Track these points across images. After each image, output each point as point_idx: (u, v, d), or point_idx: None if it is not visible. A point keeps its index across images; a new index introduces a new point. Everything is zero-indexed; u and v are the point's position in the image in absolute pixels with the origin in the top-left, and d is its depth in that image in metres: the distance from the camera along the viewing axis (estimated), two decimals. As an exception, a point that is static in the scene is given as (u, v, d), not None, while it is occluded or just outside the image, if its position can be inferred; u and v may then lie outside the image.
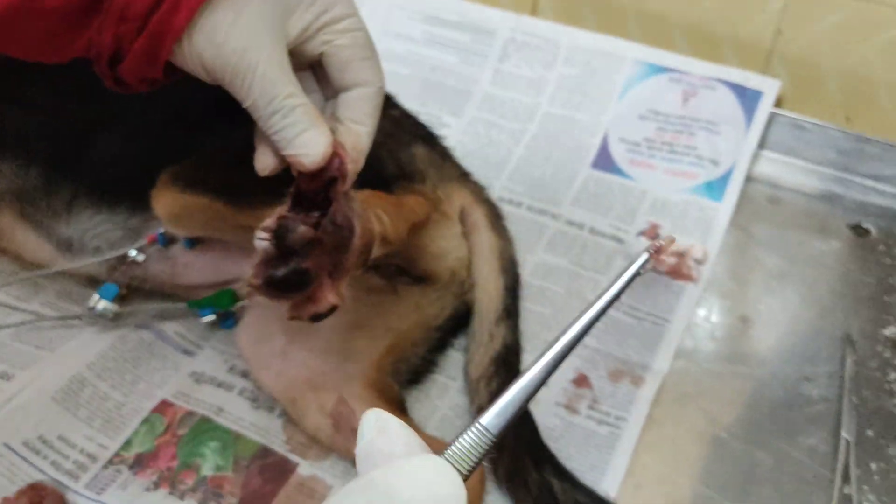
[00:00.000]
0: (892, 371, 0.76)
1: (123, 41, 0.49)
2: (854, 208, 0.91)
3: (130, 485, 0.68)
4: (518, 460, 0.67)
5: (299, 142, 0.50)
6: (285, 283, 0.52)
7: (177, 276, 0.79)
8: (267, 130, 0.51)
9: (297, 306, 0.56)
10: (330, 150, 0.51)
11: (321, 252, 0.53)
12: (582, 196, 0.91)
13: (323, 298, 0.54)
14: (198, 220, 0.69)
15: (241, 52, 0.48)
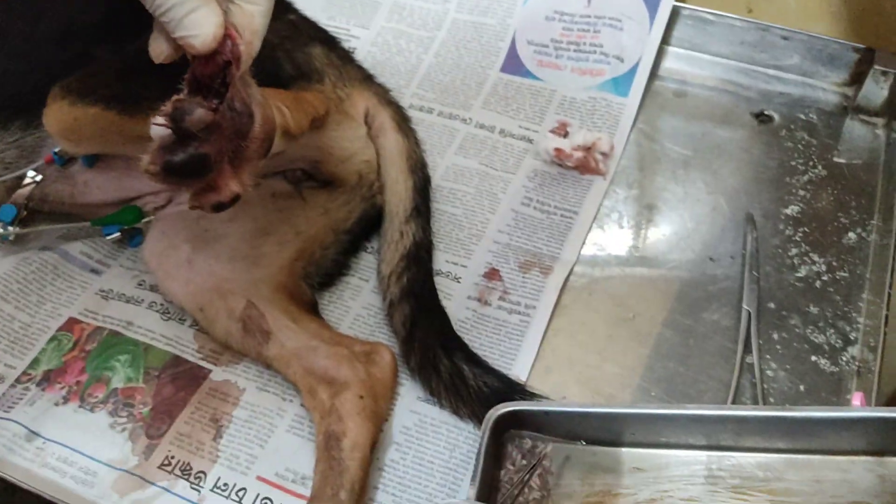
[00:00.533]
0: (794, 247, 0.78)
1: None
2: (758, 97, 0.92)
3: (38, 400, 0.67)
4: (429, 350, 0.68)
5: (188, 22, 0.48)
6: (184, 168, 0.51)
7: (77, 195, 0.77)
8: (155, 12, 0.49)
9: (198, 195, 0.54)
10: (221, 31, 0.49)
11: (220, 137, 0.51)
12: (492, 99, 0.91)
13: (225, 186, 0.53)
14: (90, 132, 0.67)
15: None
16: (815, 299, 0.74)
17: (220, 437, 0.65)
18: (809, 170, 0.85)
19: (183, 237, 0.73)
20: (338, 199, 0.76)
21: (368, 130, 0.79)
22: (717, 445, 0.61)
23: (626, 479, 0.61)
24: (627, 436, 0.62)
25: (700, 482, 0.61)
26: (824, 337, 0.72)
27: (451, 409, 0.67)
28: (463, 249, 0.78)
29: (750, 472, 0.60)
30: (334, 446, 0.61)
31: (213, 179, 0.53)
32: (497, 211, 0.81)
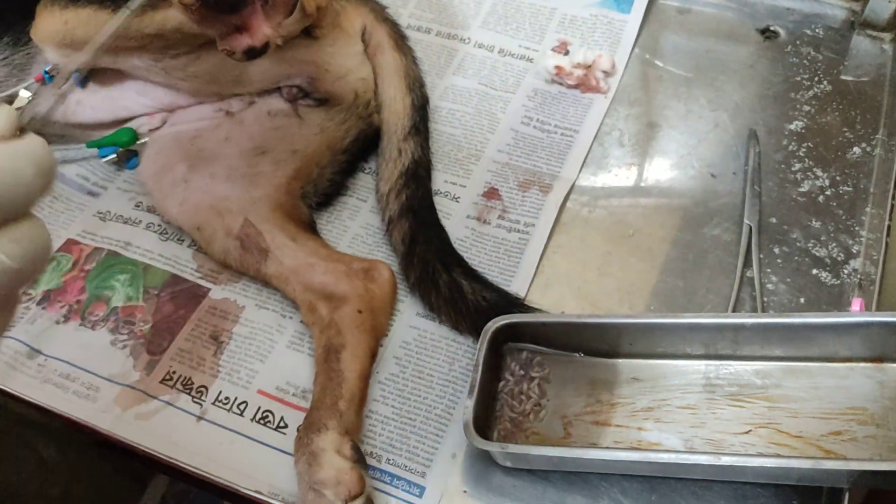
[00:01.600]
0: (797, 162, 0.77)
1: None
2: (763, 13, 0.90)
3: (39, 319, 0.68)
4: (428, 265, 0.68)
5: None
6: (219, 2, 0.50)
7: (71, 115, 0.76)
8: None
9: (231, 37, 0.54)
10: None
11: None
12: (490, 19, 0.89)
13: (258, 28, 0.53)
14: (83, 37, 0.66)
15: None
16: (818, 213, 0.73)
17: (220, 353, 0.66)
18: (815, 85, 0.83)
19: (178, 157, 0.72)
20: (334, 118, 0.75)
21: (365, 48, 0.77)
22: (715, 354, 0.61)
23: (623, 389, 0.62)
24: (625, 346, 0.62)
25: (697, 390, 0.61)
26: (826, 251, 0.71)
27: (451, 324, 0.67)
28: (462, 169, 0.77)
29: (748, 379, 0.60)
30: (333, 359, 0.61)
31: (247, 19, 0.53)
32: (496, 130, 0.80)
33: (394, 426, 0.62)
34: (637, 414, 0.60)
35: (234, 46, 0.55)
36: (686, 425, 0.59)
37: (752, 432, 0.58)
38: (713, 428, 0.59)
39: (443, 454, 0.61)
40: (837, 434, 0.56)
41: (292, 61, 0.72)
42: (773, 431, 0.57)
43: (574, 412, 0.61)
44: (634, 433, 0.60)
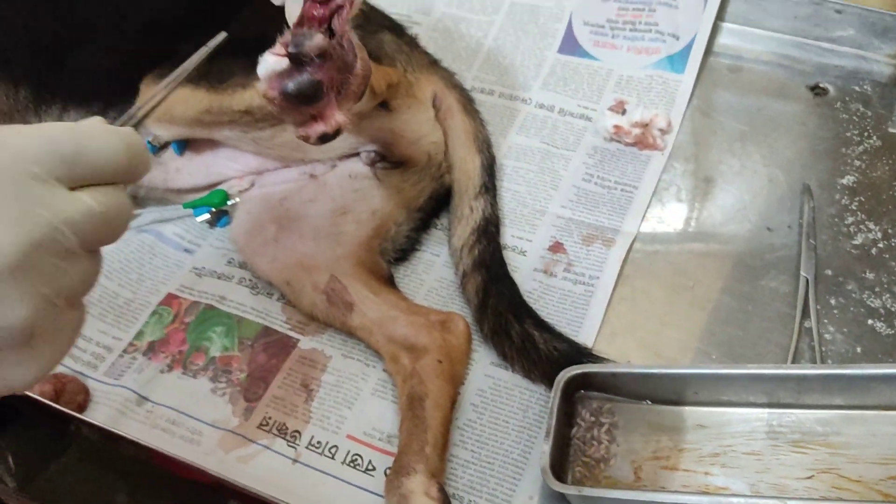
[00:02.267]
0: (850, 215, 0.81)
1: None
2: (812, 70, 0.94)
3: (146, 369, 0.74)
4: (501, 316, 0.72)
5: None
6: (300, 93, 0.56)
7: (170, 181, 0.83)
8: None
9: (306, 125, 0.60)
10: None
11: (331, 67, 0.57)
12: (550, 80, 0.95)
13: (331, 116, 0.58)
14: (182, 112, 0.73)
15: None
16: (872, 265, 0.77)
17: (311, 400, 0.71)
18: (864, 140, 0.87)
19: (268, 217, 0.79)
20: (410, 179, 0.81)
21: (436, 113, 0.83)
22: (778, 403, 0.65)
23: (689, 436, 0.66)
24: (690, 395, 0.66)
25: (761, 437, 0.64)
26: (880, 301, 0.74)
27: (523, 373, 0.71)
28: (528, 224, 0.83)
29: (809, 427, 0.64)
30: (418, 406, 0.66)
31: (322, 108, 0.58)
32: (559, 187, 0.85)
33: (473, 469, 0.67)
34: (703, 459, 0.64)
35: (310, 133, 0.60)
36: (751, 471, 0.63)
37: (814, 477, 0.61)
38: (777, 473, 0.62)
39: (520, 496, 0.65)
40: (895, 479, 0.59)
41: (370, 130, 0.78)
42: (835, 476, 0.61)
43: (643, 457, 0.65)
44: (702, 478, 0.63)
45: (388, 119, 0.78)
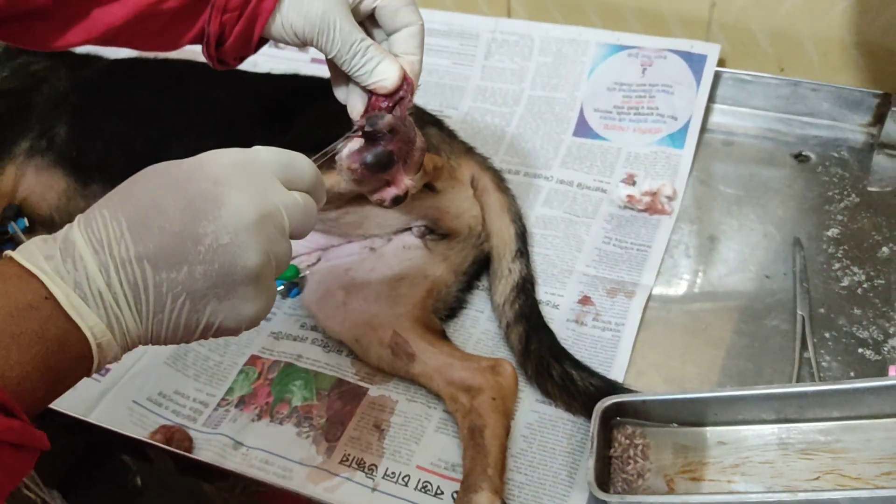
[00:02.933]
0: (836, 262, 0.93)
1: (227, 27, 0.68)
2: (795, 141, 1.09)
3: (239, 418, 0.86)
4: (542, 359, 0.84)
5: (378, 70, 0.67)
6: (377, 162, 0.68)
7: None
8: (351, 70, 0.67)
9: (381, 191, 0.72)
10: (402, 73, 0.68)
11: (398, 140, 0.69)
12: (568, 159, 1.09)
13: (401, 181, 0.71)
14: None
15: (322, 14, 0.65)
16: (858, 303, 0.89)
17: (383, 438, 0.82)
18: (845, 198, 1.00)
19: (336, 285, 0.92)
20: (455, 248, 0.94)
21: (474, 191, 0.97)
22: (785, 419, 0.76)
23: (712, 451, 0.77)
24: (710, 416, 0.78)
25: (773, 449, 0.75)
26: (868, 333, 0.86)
27: (565, 407, 0.83)
28: (558, 283, 0.95)
29: (813, 437, 0.75)
30: (478, 436, 0.78)
31: (394, 175, 0.71)
32: (583, 249, 0.98)
33: (528, 490, 0.78)
34: (726, 470, 0.75)
35: (385, 196, 0.73)
36: (767, 476, 0.74)
37: (820, 478, 0.72)
38: (789, 477, 0.73)
39: (570, 511, 0.76)
40: (889, 474, 0.70)
41: (420, 208, 0.92)
42: (838, 476, 0.72)
43: (674, 472, 0.76)
44: (725, 485, 0.74)
45: (435, 199, 0.92)
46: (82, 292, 0.48)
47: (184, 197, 0.50)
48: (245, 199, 0.50)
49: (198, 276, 0.50)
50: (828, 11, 1.04)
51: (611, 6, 1.16)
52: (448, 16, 1.23)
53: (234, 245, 0.50)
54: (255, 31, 0.68)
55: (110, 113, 1.01)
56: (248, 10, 0.66)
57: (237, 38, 0.68)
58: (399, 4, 0.68)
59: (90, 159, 0.99)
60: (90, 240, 0.49)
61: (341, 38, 0.66)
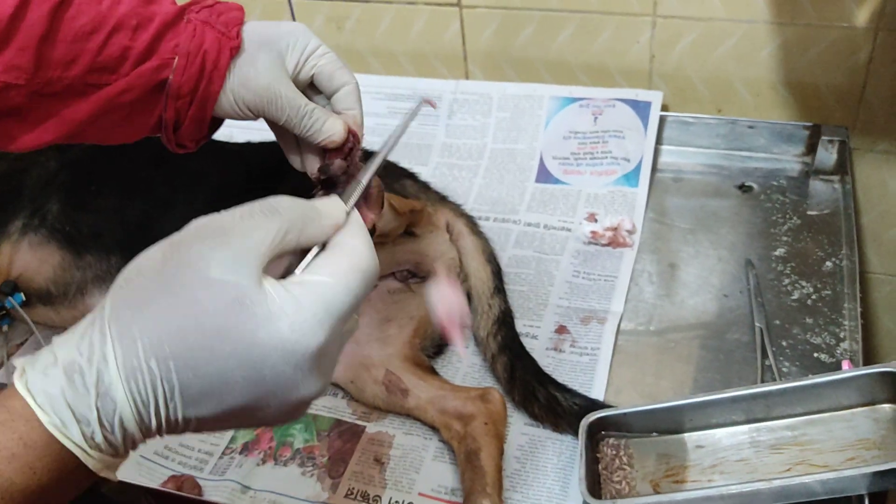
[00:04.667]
0: (786, 278, 1.02)
1: (181, 112, 0.73)
2: (738, 174, 1.19)
3: (245, 464, 0.90)
4: (528, 385, 0.90)
5: (325, 128, 0.72)
6: None
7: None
8: (302, 132, 0.73)
9: None
10: (346, 126, 0.73)
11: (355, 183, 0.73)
12: (533, 204, 1.18)
13: (366, 217, 0.76)
14: None
15: (268, 86, 0.71)
16: (809, 313, 0.97)
17: (384, 471, 0.87)
18: (788, 221, 1.10)
19: (329, 331, 0.97)
20: (436, 289, 1.01)
21: (450, 236, 1.04)
22: (755, 419, 0.83)
23: (692, 455, 0.83)
24: (687, 423, 0.84)
25: (747, 447, 0.82)
26: (821, 339, 0.94)
27: (552, 427, 0.89)
28: (535, 315, 1.02)
29: (781, 433, 0.82)
30: (475, 459, 0.83)
31: None
32: (555, 283, 1.06)
33: (525, 506, 0.83)
34: (705, 471, 0.81)
35: None
36: (743, 473, 0.80)
37: (791, 469, 0.79)
38: (763, 471, 0.80)
39: (566, 521, 0.81)
40: (852, 459, 0.77)
41: (402, 254, 0.99)
42: (807, 466, 0.78)
43: (658, 477, 0.82)
44: (706, 485, 0.80)
45: (414, 243, 0.99)
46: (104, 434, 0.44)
47: (257, 372, 0.45)
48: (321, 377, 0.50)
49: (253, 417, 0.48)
50: (755, 56, 1.16)
51: (560, 63, 1.26)
52: (412, 81, 1.33)
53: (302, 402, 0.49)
54: (207, 113, 0.72)
55: (101, 187, 1.07)
56: (198, 94, 0.71)
57: (191, 122, 0.72)
58: (334, 68, 0.74)
59: (83, 232, 1.04)
60: (134, 400, 0.44)
61: (289, 105, 0.71)
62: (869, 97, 1.15)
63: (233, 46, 0.71)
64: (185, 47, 0.70)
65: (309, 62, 0.74)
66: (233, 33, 0.71)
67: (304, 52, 0.74)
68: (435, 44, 1.32)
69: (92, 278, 1.03)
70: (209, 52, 0.70)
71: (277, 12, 1.38)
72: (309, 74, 0.75)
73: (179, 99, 0.71)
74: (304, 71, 0.75)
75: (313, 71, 0.75)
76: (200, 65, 0.70)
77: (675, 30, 1.18)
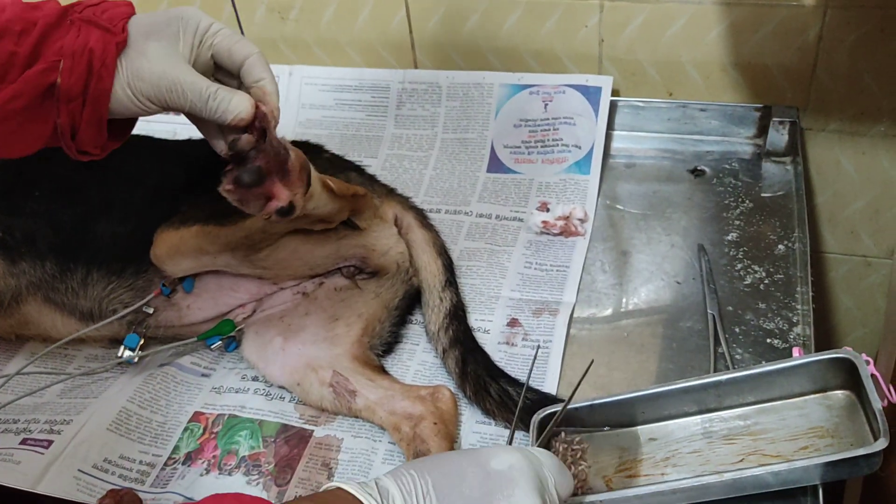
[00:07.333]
0: (738, 263, 1.01)
1: (75, 116, 0.69)
2: (690, 158, 1.17)
3: (187, 475, 0.87)
4: (479, 379, 0.88)
5: (231, 107, 0.70)
6: (247, 179, 0.71)
7: (183, 318, 0.98)
8: (210, 116, 0.70)
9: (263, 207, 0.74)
10: (252, 103, 0.71)
11: (266, 156, 0.72)
12: (485, 194, 1.15)
13: (280, 194, 0.73)
14: (192, 247, 0.89)
15: (163, 74, 0.68)
16: (762, 298, 0.96)
17: (332, 476, 0.84)
18: (740, 204, 1.09)
19: (273, 333, 0.94)
20: (384, 284, 0.98)
21: (399, 230, 1.02)
22: (706, 409, 0.82)
23: (644, 448, 0.81)
24: (639, 416, 0.83)
25: (699, 438, 0.81)
26: (774, 324, 0.93)
27: (505, 422, 0.87)
28: (486, 309, 1.00)
29: (734, 423, 0.80)
30: (424, 460, 0.81)
31: (269, 189, 0.73)
32: (507, 276, 1.03)
33: (477, 507, 0.81)
34: (658, 464, 0.80)
35: (269, 210, 0.74)
36: (696, 465, 0.79)
37: (744, 460, 0.77)
38: (716, 462, 0.78)
39: (519, 520, 0.79)
40: (805, 448, 0.76)
41: (347, 247, 0.96)
42: (760, 456, 0.77)
43: (611, 472, 0.81)
44: (659, 478, 0.79)
45: (360, 237, 0.96)
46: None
47: (484, 471, 0.62)
48: (532, 486, 0.63)
49: None
50: (704, 37, 1.14)
51: (509, 50, 1.24)
52: (359, 72, 1.29)
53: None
54: (102, 113, 0.69)
55: (33, 190, 1.02)
56: (89, 94, 0.68)
57: (87, 125, 0.69)
58: (230, 42, 0.72)
59: (17, 237, 1.00)
60: (400, 489, 0.60)
61: (190, 90, 0.69)
62: (820, 76, 1.13)
63: (118, 41, 0.68)
64: (70, 48, 0.67)
65: (205, 42, 0.72)
66: (118, 28, 0.68)
67: (196, 33, 0.71)
68: (381, 33, 1.29)
69: (27, 285, 0.99)
70: (95, 49, 0.67)
71: (217, 2, 1.33)
72: (208, 55, 0.73)
73: (71, 101, 0.68)
74: (203, 52, 0.72)
75: (211, 51, 0.72)
76: (87, 64, 0.67)
77: (623, 13, 1.16)
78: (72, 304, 0.99)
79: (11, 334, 1.04)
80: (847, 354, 0.77)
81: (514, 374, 0.91)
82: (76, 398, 0.95)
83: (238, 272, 0.96)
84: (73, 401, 0.95)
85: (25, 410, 0.94)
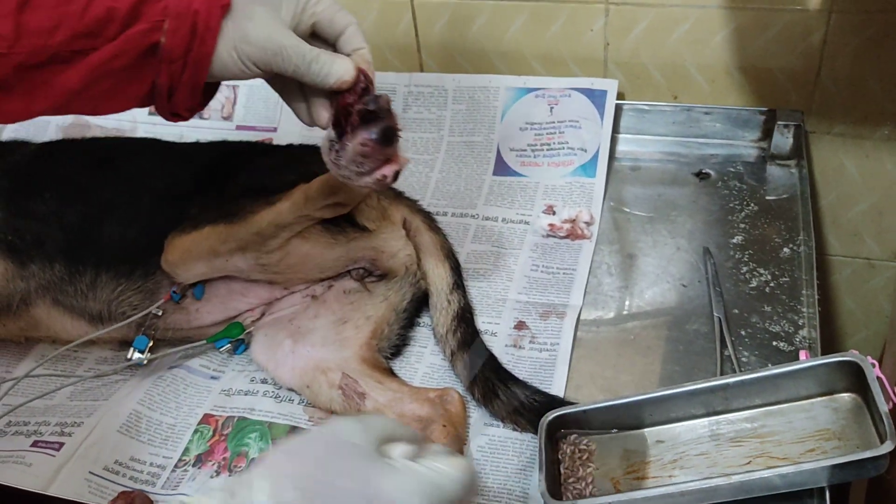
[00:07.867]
0: (744, 265, 1.02)
1: (175, 77, 0.71)
2: (695, 161, 1.18)
3: (198, 476, 0.87)
4: (488, 382, 0.89)
5: (334, 71, 0.72)
6: (385, 136, 0.72)
7: (192, 321, 0.99)
8: (312, 79, 0.72)
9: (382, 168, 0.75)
10: (355, 66, 0.73)
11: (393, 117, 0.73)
12: (491, 197, 1.16)
13: (398, 157, 0.75)
14: (205, 249, 0.90)
15: (269, 37, 0.70)
16: (768, 301, 0.97)
17: (342, 477, 0.85)
18: (745, 207, 1.09)
19: (283, 335, 0.95)
20: (393, 287, 0.99)
21: (407, 233, 1.02)
22: (714, 411, 0.82)
23: (652, 451, 0.82)
24: (647, 418, 0.83)
25: (706, 441, 0.81)
26: (779, 327, 0.94)
27: (513, 425, 0.87)
28: (493, 312, 1.00)
29: (741, 426, 0.81)
30: (433, 463, 0.81)
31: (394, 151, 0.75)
32: (513, 279, 1.04)
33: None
34: (666, 466, 0.81)
35: (387, 173, 0.75)
36: (703, 467, 0.79)
37: (751, 462, 0.78)
38: (723, 465, 0.79)
39: (527, 522, 0.80)
40: (812, 451, 0.77)
41: (357, 250, 0.97)
42: (767, 458, 0.78)
43: (619, 474, 0.81)
44: (667, 480, 0.79)
45: (370, 240, 0.97)
46: None
47: None
48: None
49: None
50: (709, 41, 1.15)
51: (514, 53, 1.25)
52: (364, 74, 1.30)
53: None
54: (201, 76, 0.71)
55: (43, 193, 1.03)
56: (190, 57, 0.70)
57: (185, 87, 0.71)
58: (332, 12, 0.75)
59: (26, 240, 1.00)
60: None
61: (295, 54, 0.71)
62: (824, 80, 1.14)
63: (223, 4, 0.70)
64: (175, 8, 0.68)
65: (307, 11, 0.74)
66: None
67: (298, 2, 0.73)
68: (388, 36, 1.29)
69: (36, 288, 1.00)
70: (200, 11, 0.69)
71: (224, 6, 1.34)
72: (309, 24, 0.74)
73: (173, 63, 0.70)
74: (304, 19, 0.74)
75: (313, 20, 0.74)
76: (191, 26, 0.69)
77: (628, 16, 1.16)
78: (81, 306, 0.99)
79: (21, 337, 1.04)
80: (853, 357, 0.77)
81: (523, 377, 0.91)
82: (86, 400, 0.96)
83: (249, 278, 0.97)
84: (84, 403, 0.96)
85: (36, 413, 0.95)
